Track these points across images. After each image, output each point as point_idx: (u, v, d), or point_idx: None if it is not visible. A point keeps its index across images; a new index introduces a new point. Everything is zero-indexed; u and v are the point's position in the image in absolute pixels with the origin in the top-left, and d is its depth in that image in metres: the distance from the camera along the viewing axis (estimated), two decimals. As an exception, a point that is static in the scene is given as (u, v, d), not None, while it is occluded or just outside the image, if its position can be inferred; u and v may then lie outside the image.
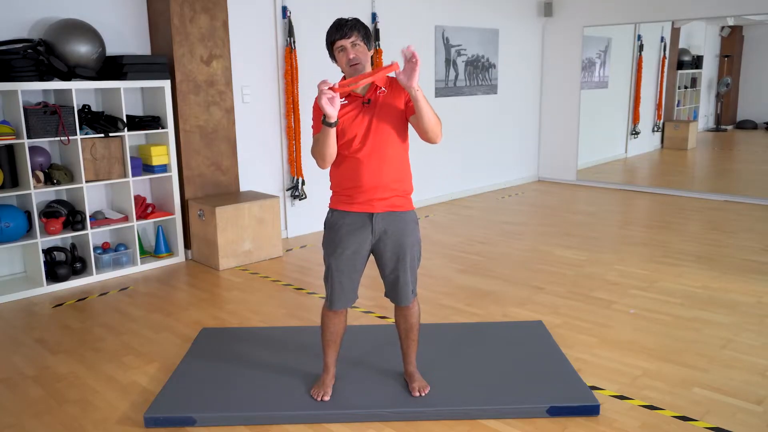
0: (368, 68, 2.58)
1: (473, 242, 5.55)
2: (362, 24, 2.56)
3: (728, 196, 7.16)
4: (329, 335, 2.82)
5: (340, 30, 2.51)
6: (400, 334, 2.87)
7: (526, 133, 8.40)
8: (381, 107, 2.58)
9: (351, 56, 2.51)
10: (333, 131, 2.48)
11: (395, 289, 2.74)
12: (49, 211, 4.47)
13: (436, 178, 7.17)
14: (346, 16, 2.58)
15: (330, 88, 2.38)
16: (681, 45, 8.93)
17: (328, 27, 2.56)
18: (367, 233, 2.64)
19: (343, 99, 2.59)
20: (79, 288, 4.51)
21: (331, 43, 2.55)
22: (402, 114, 2.61)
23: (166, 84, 4.78)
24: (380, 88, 2.59)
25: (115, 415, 2.79)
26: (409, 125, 2.63)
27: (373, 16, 6.17)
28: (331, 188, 2.74)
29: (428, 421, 2.69)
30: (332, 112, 2.40)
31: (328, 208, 2.75)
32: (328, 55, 2.61)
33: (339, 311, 2.78)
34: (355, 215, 2.64)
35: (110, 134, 4.57)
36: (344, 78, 2.58)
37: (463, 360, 3.17)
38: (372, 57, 2.64)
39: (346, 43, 2.51)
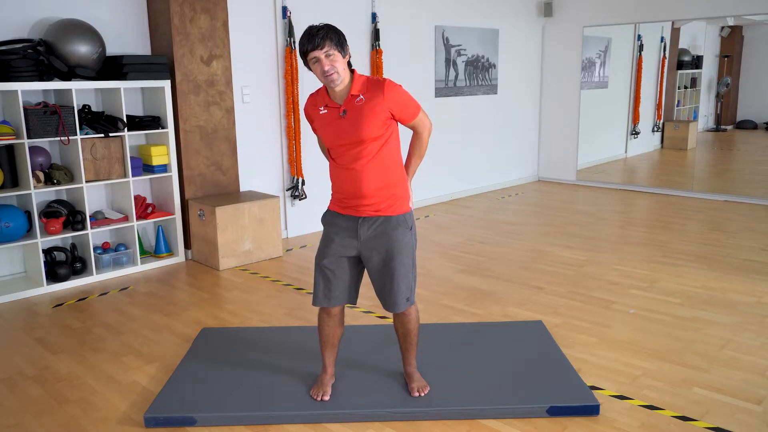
0: (346, 74, 2.50)
1: (473, 242, 5.55)
2: (334, 30, 2.48)
3: (728, 196, 7.16)
4: (324, 337, 2.83)
5: (312, 40, 2.42)
6: (399, 337, 2.87)
7: (526, 133, 8.40)
8: (357, 117, 2.50)
9: (326, 68, 2.44)
10: None
11: (382, 294, 2.69)
12: (49, 211, 4.47)
13: (436, 178, 7.17)
14: (316, 24, 2.49)
15: None
16: (681, 45, 8.93)
17: (300, 36, 2.49)
18: (354, 237, 2.63)
19: (323, 108, 2.57)
20: (79, 288, 4.51)
21: (304, 54, 2.47)
22: (383, 121, 2.52)
23: (166, 84, 4.78)
24: (358, 96, 2.51)
25: (115, 415, 2.79)
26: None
27: (373, 16, 6.17)
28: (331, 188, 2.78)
29: (428, 421, 2.69)
30: None
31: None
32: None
33: (332, 314, 2.76)
34: (344, 218, 2.65)
35: (110, 134, 4.57)
36: (322, 90, 2.60)
37: (463, 360, 3.17)
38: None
39: (319, 54, 2.43)
